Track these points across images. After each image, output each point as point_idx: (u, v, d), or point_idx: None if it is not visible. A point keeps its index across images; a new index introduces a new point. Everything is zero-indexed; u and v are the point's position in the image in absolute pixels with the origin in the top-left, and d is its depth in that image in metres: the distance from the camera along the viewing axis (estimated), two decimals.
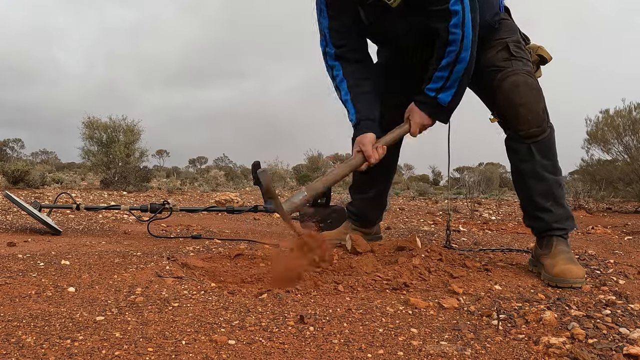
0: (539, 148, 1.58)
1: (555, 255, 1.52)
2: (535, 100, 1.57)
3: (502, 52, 1.63)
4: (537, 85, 1.60)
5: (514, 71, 1.59)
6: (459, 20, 1.48)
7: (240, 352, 0.86)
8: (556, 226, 1.60)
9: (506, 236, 2.76)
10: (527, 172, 1.61)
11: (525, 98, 1.56)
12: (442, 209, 5.10)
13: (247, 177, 14.30)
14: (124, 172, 7.78)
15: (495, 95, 1.61)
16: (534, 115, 1.57)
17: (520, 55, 1.63)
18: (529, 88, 1.57)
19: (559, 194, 1.61)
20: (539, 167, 1.59)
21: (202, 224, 2.94)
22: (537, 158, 1.58)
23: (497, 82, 1.60)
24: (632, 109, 6.00)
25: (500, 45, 1.65)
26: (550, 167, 1.60)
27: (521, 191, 1.67)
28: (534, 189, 1.61)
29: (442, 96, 1.59)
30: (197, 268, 1.56)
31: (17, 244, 1.91)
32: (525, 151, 1.60)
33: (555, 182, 1.61)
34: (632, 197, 5.87)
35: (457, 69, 1.54)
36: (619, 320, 1.08)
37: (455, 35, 1.50)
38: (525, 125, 1.57)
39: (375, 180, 2.04)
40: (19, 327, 0.95)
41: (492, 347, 0.93)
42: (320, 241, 1.53)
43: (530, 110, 1.56)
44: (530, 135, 1.58)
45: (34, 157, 28.97)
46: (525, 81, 1.57)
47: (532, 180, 1.61)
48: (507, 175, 16.78)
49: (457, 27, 1.49)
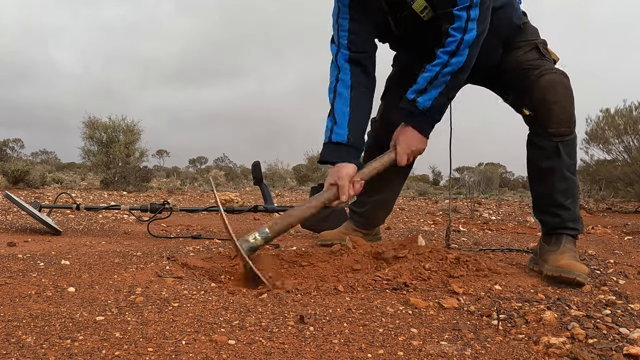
0: (565, 148, 1.59)
1: (563, 252, 1.54)
2: (568, 101, 1.58)
3: (532, 52, 1.64)
4: (571, 88, 1.60)
5: (552, 70, 1.59)
6: (461, 25, 1.47)
7: (240, 352, 0.86)
8: (570, 225, 1.61)
9: (506, 236, 2.76)
10: (550, 170, 1.61)
11: (560, 97, 1.56)
12: (442, 209, 5.10)
13: (247, 177, 14.30)
14: (124, 172, 7.78)
15: (531, 91, 1.59)
16: (565, 115, 1.57)
17: (547, 57, 1.65)
18: (564, 88, 1.58)
19: (576, 194, 1.63)
20: (564, 166, 1.59)
21: (202, 224, 2.94)
22: (563, 157, 1.59)
23: (535, 77, 1.59)
24: (632, 109, 6.00)
25: (529, 45, 1.66)
26: (572, 167, 1.62)
27: (539, 187, 1.66)
28: (555, 186, 1.61)
29: (421, 99, 1.53)
30: (197, 268, 1.56)
31: (17, 244, 1.91)
32: (553, 149, 1.59)
33: (573, 182, 1.62)
34: (632, 197, 5.87)
35: (444, 72, 1.49)
36: (619, 320, 1.08)
37: (453, 38, 1.48)
38: (556, 124, 1.57)
39: (389, 184, 2.01)
40: (19, 327, 0.95)
41: (492, 347, 0.93)
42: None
43: (563, 110, 1.56)
44: (559, 134, 1.57)
45: (34, 157, 28.99)
46: (562, 81, 1.58)
47: (555, 178, 1.60)
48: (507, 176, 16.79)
49: (458, 31, 1.47)
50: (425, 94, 1.52)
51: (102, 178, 8.02)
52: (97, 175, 9.46)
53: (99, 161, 8.60)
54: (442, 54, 1.50)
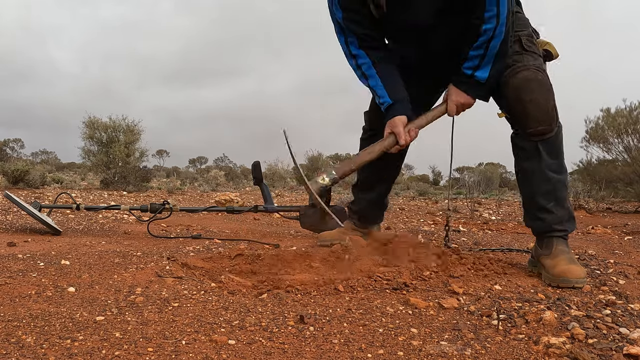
0: (546, 147, 1.55)
1: (556, 255, 1.51)
2: (544, 98, 1.53)
3: (513, 45, 1.60)
4: (547, 82, 1.56)
5: (525, 66, 1.55)
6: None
7: (240, 352, 0.86)
8: (557, 227, 1.58)
9: (506, 236, 2.76)
10: (531, 170, 1.59)
11: (535, 95, 1.52)
12: (442, 209, 5.10)
13: (247, 177, 14.30)
14: (124, 172, 7.78)
15: (504, 91, 1.57)
16: (542, 113, 1.53)
17: (532, 50, 1.61)
18: (539, 84, 1.53)
19: (562, 194, 1.59)
20: (544, 167, 1.56)
21: (202, 224, 2.94)
22: (543, 157, 1.55)
23: (507, 77, 1.56)
24: (632, 109, 6.00)
25: (513, 38, 1.61)
26: (555, 166, 1.57)
27: (524, 189, 1.65)
28: (537, 188, 1.58)
29: (479, 74, 1.57)
30: (197, 268, 1.56)
31: (17, 244, 1.91)
32: (532, 149, 1.56)
33: (559, 182, 1.58)
34: (632, 197, 5.87)
35: (492, 45, 1.52)
36: (619, 320, 1.08)
37: (490, 13, 1.48)
38: (534, 123, 1.53)
39: (380, 181, 2.04)
40: (19, 327, 0.95)
41: (492, 347, 0.93)
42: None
43: (539, 108, 1.52)
44: (538, 134, 1.54)
45: (34, 157, 29.00)
46: (535, 77, 1.53)
47: (536, 179, 1.58)
48: (507, 175, 16.78)
49: (493, 4, 1.47)
50: (483, 68, 1.56)
51: (102, 178, 8.02)
52: (97, 175, 9.46)
53: (99, 161, 8.60)
54: (486, 30, 1.50)
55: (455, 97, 1.65)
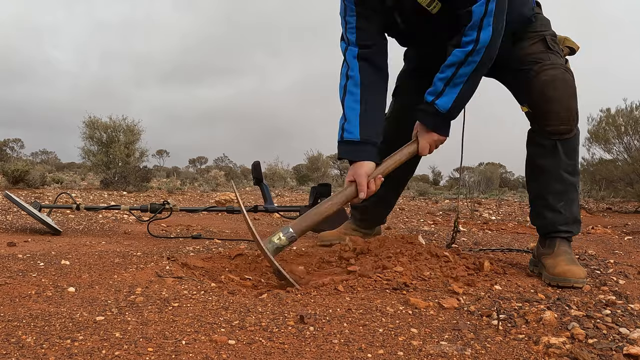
0: (564, 146, 1.55)
1: (557, 255, 1.51)
2: (569, 98, 1.52)
3: (538, 44, 1.58)
4: (572, 83, 1.55)
5: (553, 65, 1.54)
6: (476, 22, 1.41)
7: (240, 352, 0.86)
8: (562, 228, 1.57)
9: (506, 236, 2.76)
10: (546, 168, 1.58)
11: (560, 94, 1.51)
12: (442, 209, 5.10)
13: (247, 177, 14.30)
14: (124, 172, 7.78)
15: (530, 88, 1.55)
16: (565, 113, 1.52)
17: (556, 49, 1.59)
18: (565, 84, 1.52)
19: (573, 197, 1.58)
20: (560, 166, 1.55)
21: (202, 224, 2.94)
22: (560, 156, 1.55)
23: (534, 73, 1.54)
24: (633, 109, 6.00)
25: (537, 37, 1.59)
26: (571, 167, 1.57)
27: (534, 186, 1.64)
28: (549, 186, 1.58)
29: (439, 102, 1.50)
30: (197, 268, 1.56)
31: (17, 244, 1.91)
32: (551, 147, 1.55)
33: (571, 184, 1.57)
34: (633, 197, 5.86)
35: (460, 73, 1.46)
36: (619, 320, 1.08)
37: (469, 37, 1.43)
38: (555, 122, 1.52)
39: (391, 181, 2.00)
40: (19, 327, 0.95)
41: (492, 347, 0.93)
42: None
43: (562, 107, 1.52)
44: (558, 132, 1.53)
45: (33, 157, 28.98)
46: (562, 77, 1.52)
47: (550, 178, 1.57)
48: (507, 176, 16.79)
49: (473, 29, 1.42)
50: (443, 96, 1.50)
51: (102, 178, 8.02)
52: (97, 175, 9.46)
53: (99, 161, 8.60)
54: (458, 53, 1.45)
55: (428, 136, 1.57)
